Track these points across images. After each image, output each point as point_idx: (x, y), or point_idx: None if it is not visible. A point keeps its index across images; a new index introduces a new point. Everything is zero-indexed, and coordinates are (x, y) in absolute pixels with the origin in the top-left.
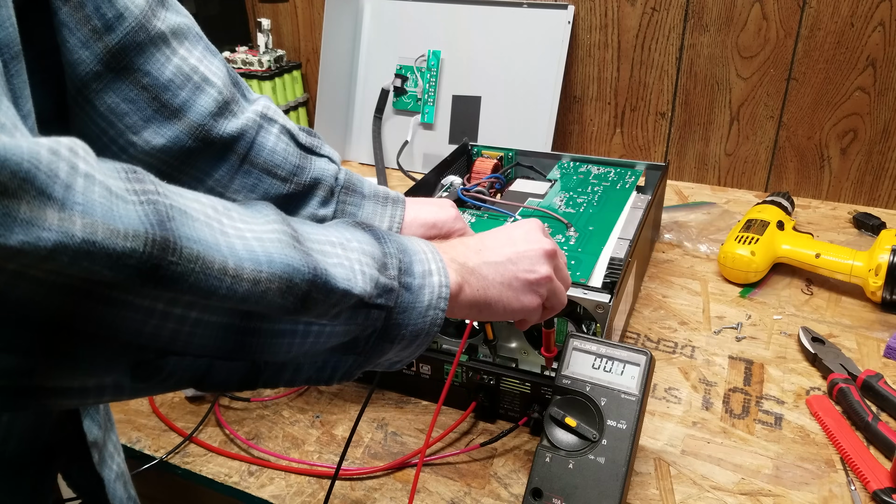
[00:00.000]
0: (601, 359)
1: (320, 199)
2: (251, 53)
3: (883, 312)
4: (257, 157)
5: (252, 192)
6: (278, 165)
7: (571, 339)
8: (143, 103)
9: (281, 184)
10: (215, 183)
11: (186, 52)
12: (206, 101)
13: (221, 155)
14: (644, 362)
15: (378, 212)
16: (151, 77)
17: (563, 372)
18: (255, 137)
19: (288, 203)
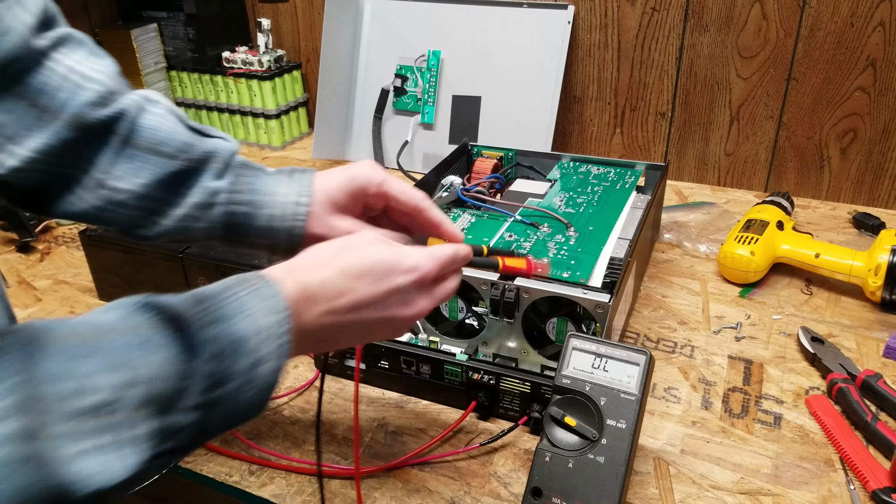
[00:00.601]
0: (601, 358)
1: (214, 171)
2: (251, 53)
3: (882, 312)
4: (140, 137)
5: (137, 177)
6: (163, 142)
7: (571, 338)
8: (22, 112)
9: (168, 161)
10: (101, 173)
11: (64, 56)
12: (86, 95)
13: (102, 139)
14: (643, 362)
15: (283, 181)
16: (29, 86)
17: (562, 371)
18: (137, 118)
19: (179, 182)
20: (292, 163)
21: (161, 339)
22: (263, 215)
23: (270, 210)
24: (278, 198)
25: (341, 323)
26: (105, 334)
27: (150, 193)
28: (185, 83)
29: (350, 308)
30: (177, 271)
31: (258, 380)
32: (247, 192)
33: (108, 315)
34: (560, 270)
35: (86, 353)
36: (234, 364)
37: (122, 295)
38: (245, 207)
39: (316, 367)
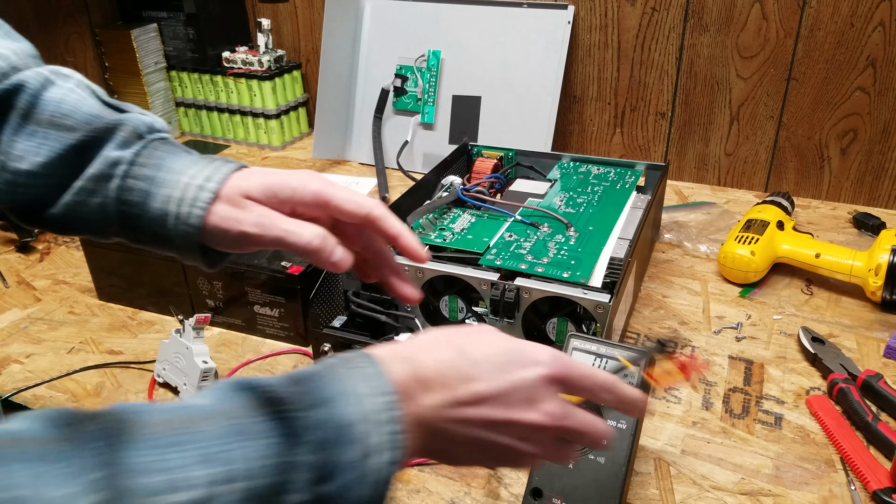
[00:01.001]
0: (601, 359)
1: (119, 141)
2: (251, 53)
3: (883, 312)
4: (42, 111)
5: (37, 156)
6: (66, 115)
7: (572, 338)
8: None
9: (69, 133)
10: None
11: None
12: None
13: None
14: (644, 362)
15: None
16: None
17: None
18: (41, 92)
19: (81, 155)
20: (293, 163)
21: (259, 426)
22: (161, 195)
23: (169, 190)
24: (183, 178)
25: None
26: (197, 422)
27: (51, 172)
28: (185, 83)
29: (472, 400)
30: (177, 272)
31: (370, 475)
32: (150, 167)
33: (201, 400)
34: (560, 270)
35: (177, 444)
36: (342, 454)
37: (122, 295)
38: (142, 183)
39: None
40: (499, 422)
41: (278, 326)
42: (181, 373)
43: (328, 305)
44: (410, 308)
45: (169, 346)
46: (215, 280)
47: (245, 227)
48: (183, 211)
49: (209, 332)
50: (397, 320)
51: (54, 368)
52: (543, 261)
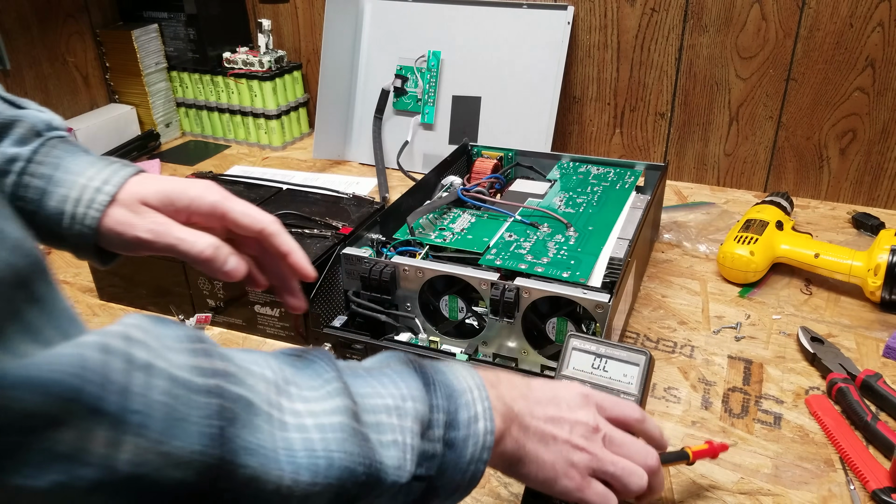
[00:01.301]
0: (601, 358)
1: (16, 137)
2: (252, 54)
3: (882, 312)
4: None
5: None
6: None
7: (571, 338)
8: None
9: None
10: None
11: None
12: None
13: None
14: (643, 362)
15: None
16: None
17: (562, 371)
18: None
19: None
20: (293, 163)
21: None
22: (57, 194)
23: (66, 190)
24: (81, 179)
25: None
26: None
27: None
28: (185, 84)
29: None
30: (177, 271)
31: (477, 435)
32: (48, 166)
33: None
34: (560, 270)
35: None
36: (458, 412)
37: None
38: (39, 181)
39: None
40: (556, 418)
41: (279, 326)
42: None
43: (328, 305)
44: (410, 307)
45: None
46: (216, 280)
47: (139, 232)
48: (79, 212)
49: (210, 332)
50: (397, 320)
51: None
52: (543, 261)
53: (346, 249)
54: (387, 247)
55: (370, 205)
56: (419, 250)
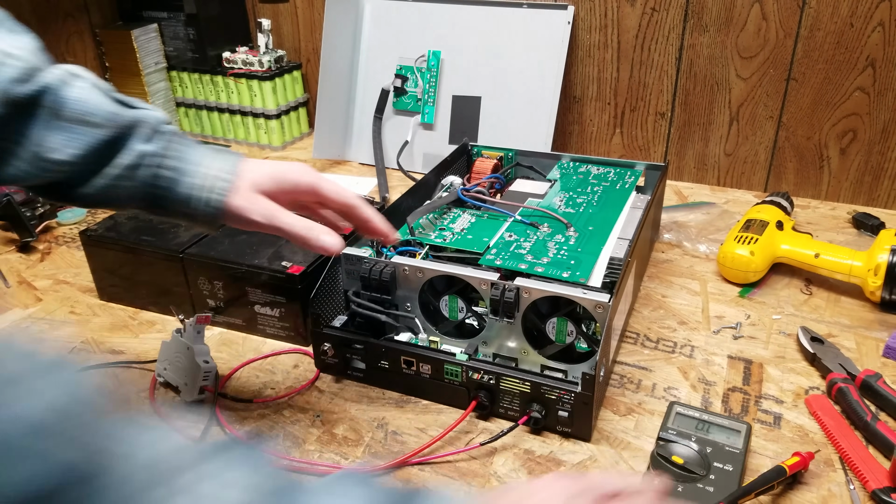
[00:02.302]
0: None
1: (143, 136)
2: (251, 54)
3: (882, 312)
4: (66, 108)
5: (69, 147)
6: (91, 113)
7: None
8: None
9: (98, 129)
10: (35, 146)
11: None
12: (9, 72)
13: (31, 113)
14: (744, 430)
15: (210, 155)
16: None
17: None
18: (62, 91)
19: (111, 147)
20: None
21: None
22: (185, 182)
23: (192, 178)
24: (202, 168)
25: None
26: None
27: (84, 160)
28: (185, 83)
29: None
30: (177, 271)
31: None
32: (174, 159)
33: None
34: (560, 270)
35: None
36: None
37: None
38: (170, 172)
39: (316, 367)
40: None
41: (279, 326)
42: (182, 372)
43: (328, 305)
44: (410, 307)
45: (170, 346)
46: (216, 280)
47: (253, 216)
48: (204, 196)
49: (210, 332)
50: (397, 320)
51: None
52: (543, 261)
53: (346, 249)
54: (387, 247)
55: (370, 205)
56: (419, 250)
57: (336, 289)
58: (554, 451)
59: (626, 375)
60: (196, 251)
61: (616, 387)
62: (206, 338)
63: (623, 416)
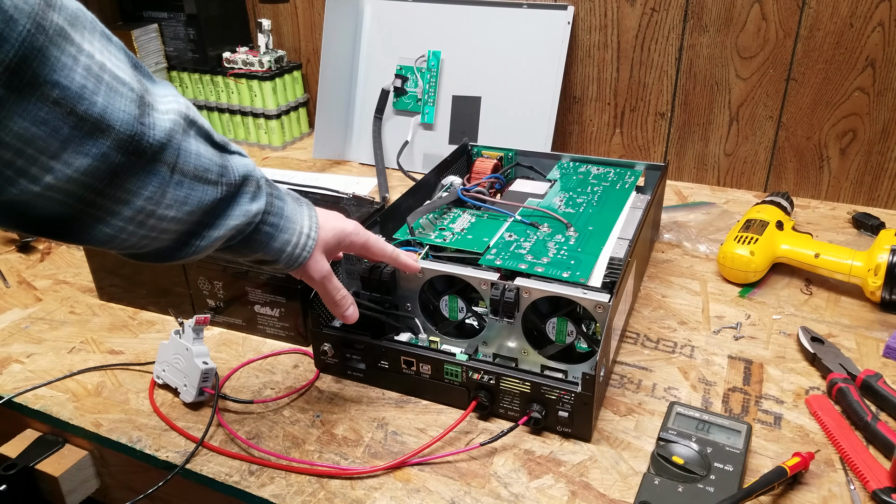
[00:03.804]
0: (704, 424)
1: (251, 195)
2: (252, 54)
3: (882, 312)
4: (186, 164)
5: (185, 205)
6: (207, 169)
7: (675, 405)
8: (58, 122)
9: (213, 188)
10: (146, 201)
11: (90, 46)
12: (124, 104)
13: (151, 168)
14: (745, 430)
15: (299, 211)
16: (61, 88)
17: (668, 425)
18: (181, 144)
19: (220, 207)
20: (293, 163)
21: None
22: (282, 238)
23: (289, 236)
24: (297, 227)
25: None
26: None
27: (195, 219)
28: (185, 83)
29: None
30: (177, 271)
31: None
32: (275, 216)
33: None
34: (560, 270)
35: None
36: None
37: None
38: (270, 229)
39: (316, 367)
40: None
41: (279, 326)
42: (181, 374)
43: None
44: (410, 307)
45: (168, 347)
46: (216, 280)
47: (314, 274)
48: (296, 253)
49: (209, 332)
50: (397, 320)
51: (55, 368)
52: (543, 261)
53: None
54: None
55: (370, 205)
56: (419, 250)
57: None
58: (554, 452)
59: (626, 375)
60: None
61: (616, 387)
62: (205, 338)
63: (623, 417)
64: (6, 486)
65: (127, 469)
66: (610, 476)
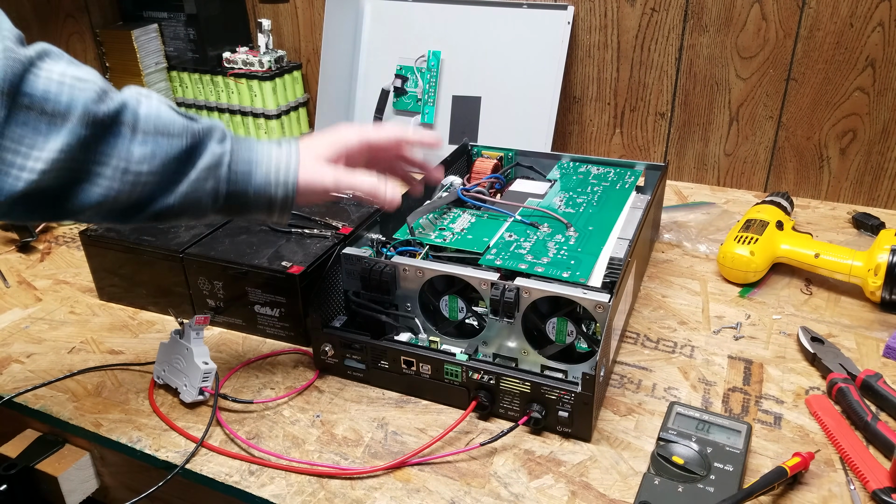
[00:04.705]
0: (704, 424)
1: (217, 139)
2: (252, 54)
3: (882, 312)
4: (146, 124)
5: (156, 157)
6: (168, 126)
7: (675, 405)
8: (35, 122)
9: (176, 140)
10: (120, 161)
11: (52, 65)
12: (85, 94)
13: (114, 130)
14: (745, 430)
15: (273, 145)
16: (29, 97)
17: (668, 426)
18: (139, 108)
19: (189, 156)
20: None
21: None
22: (261, 171)
23: (266, 166)
24: (272, 156)
25: None
26: None
27: (169, 168)
28: (185, 83)
29: None
30: (177, 271)
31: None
32: (246, 151)
33: None
34: (560, 270)
35: None
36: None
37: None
38: (245, 165)
39: (316, 367)
40: None
41: (278, 326)
42: (181, 374)
43: (328, 305)
44: (410, 307)
45: (168, 347)
46: (216, 280)
47: (326, 182)
48: (281, 177)
49: (209, 332)
50: (397, 320)
51: (55, 368)
52: (543, 261)
53: (346, 249)
54: (387, 247)
55: (370, 205)
56: (419, 250)
57: (336, 289)
58: (554, 452)
59: (626, 375)
60: (196, 251)
61: (616, 387)
62: (205, 338)
63: (623, 417)
64: (6, 486)
65: (127, 469)
66: (610, 476)
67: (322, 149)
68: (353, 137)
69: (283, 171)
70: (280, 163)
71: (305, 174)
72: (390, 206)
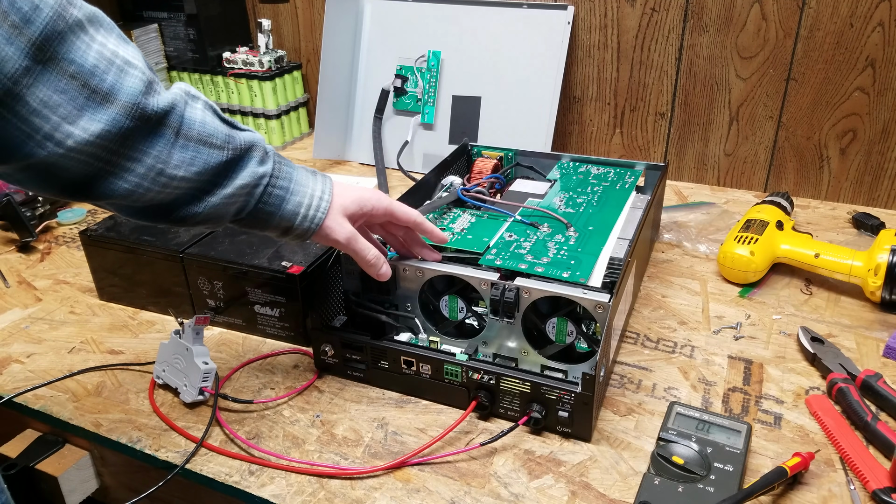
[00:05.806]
0: (704, 424)
1: (258, 158)
2: (252, 54)
3: (882, 312)
4: (190, 130)
5: (193, 165)
6: (211, 135)
7: (675, 405)
8: (74, 92)
9: (219, 151)
10: (157, 162)
11: (104, 38)
12: (132, 82)
13: (157, 130)
14: (745, 430)
15: (311, 177)
16: (76, 65)
17: (668, 425)
18: (185, 111)
19: (227, 170)
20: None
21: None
22: (294, 201)
23: (300, 198)
24: (308, 189)
25: None
26: None
27: (204, 178)
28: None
29: None
30: (177, 271)
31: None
32: (285, 179)
33: None
34: (560, 270)
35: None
36: None
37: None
38: (281, 192)
39: (316, 367)
40: None
41: (278, 326)
42: (181, 374)
43: (328, 305)
44: (410, 307)
45: (168, 347)
46: (216, 280)
47: (338, 237)
48: (310, 214)
49: (209, 332)
50: (397, 320)
51: (55, 368)
52: (543, 261)
53: None
54: (387, 246)
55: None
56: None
57: (336, 289)
58: (554, 452)
59: (626, 375)
60: (196, 251)
61: (616, 387)
62: (205, 338)
63: (623, 417)
64: (6, 486)
65: (127, 469)
66: (610, 476)
67: (350, 203)
68: (381, 209)
69: (314, 209)
70: (313, 200)
71: (329, 221)
72: (381, 279)
